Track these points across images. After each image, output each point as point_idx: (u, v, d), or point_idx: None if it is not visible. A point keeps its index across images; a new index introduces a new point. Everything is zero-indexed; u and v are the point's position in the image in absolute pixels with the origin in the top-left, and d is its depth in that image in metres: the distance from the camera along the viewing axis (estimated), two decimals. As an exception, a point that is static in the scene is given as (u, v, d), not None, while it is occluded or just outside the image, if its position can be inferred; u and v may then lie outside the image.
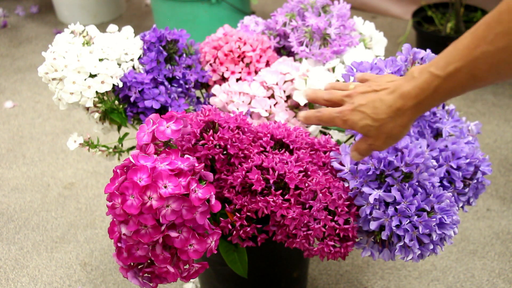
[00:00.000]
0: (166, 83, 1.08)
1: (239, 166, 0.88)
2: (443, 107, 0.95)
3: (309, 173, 0.87)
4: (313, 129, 1.08)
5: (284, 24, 1.19)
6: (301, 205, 0.85)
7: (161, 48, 1.09)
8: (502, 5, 0.56)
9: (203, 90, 1.20)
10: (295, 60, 1.18)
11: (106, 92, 1.07)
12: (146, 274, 0.80)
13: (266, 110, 1.05)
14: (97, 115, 1.10)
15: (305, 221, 0.84)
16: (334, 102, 0.74)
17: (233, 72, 1.13)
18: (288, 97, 1.09)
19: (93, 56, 1.06)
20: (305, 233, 0.85)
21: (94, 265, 1.43)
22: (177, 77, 1.11)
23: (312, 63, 1.14)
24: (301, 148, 0.92)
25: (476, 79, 0.60)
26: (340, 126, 0.72)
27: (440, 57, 0.62)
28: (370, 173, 0.83)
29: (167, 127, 0.79)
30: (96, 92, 1.05)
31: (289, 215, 0.84)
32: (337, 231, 0.84)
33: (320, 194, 0.84)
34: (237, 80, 1.13)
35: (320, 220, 0.84)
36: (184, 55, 1.14)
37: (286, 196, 0.85)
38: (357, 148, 0.74)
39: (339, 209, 0.84)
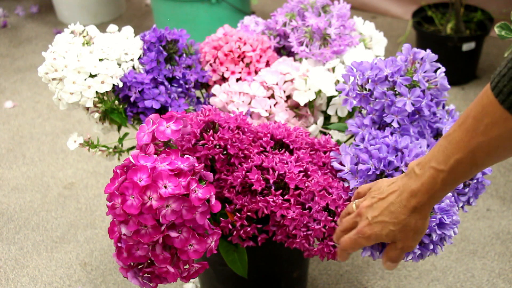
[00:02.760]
0: (166, 83, 1.08)
1: (239, 166, 0.88)
2: (443, 107, 0.95)
3: (309, 173, 0.87)
4: (313, 129, 1.08)
5: (284, 24, 1.19)
6: (301, 205, 0.85)
7: (161, 48, 1.09)
8: (484, 97, 0.59)
9: (203, 90, 1.20)
10: (295, 60, 1.18)
11: (106, 92, 1.07)
12: (146, 274, 0.80)
13: (266, 110, 1.05)
14: (97, 115, 1.10)
15: (305, 222, 0.84)
16: (349, 229, 0.75)
17: (233, 72, 1.13)
18: (288, 97, 1.09)
19: (93, 56, 1.06)
20: (305, 233, 0.85)
21: (94, 265, 1.43)
22: (177, 77, 1.11)
23: (312, 63, 1.14)
24: (301, 148, 0.92)
25: (478, 166, 0.63)
26: (366, 245, 0.74)
27: (437, 152, 0.65)
28: (370, 173, 0.83)
29: (167, 127, 0.79)
30: (96, 92, 1.05)
31: (288, 215, 0.84)
32: None
33: (317, 197, 0.84)
34: (237, 80, 1.13)
35: (320, 221, 0.84)
36: (184, 55, 1.14)
37: (286, 196, 0.85)
38: (390, 258, 0.74)
39: (339, 209, 0.84)
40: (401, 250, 0.73)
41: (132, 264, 0.80)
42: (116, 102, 1.09)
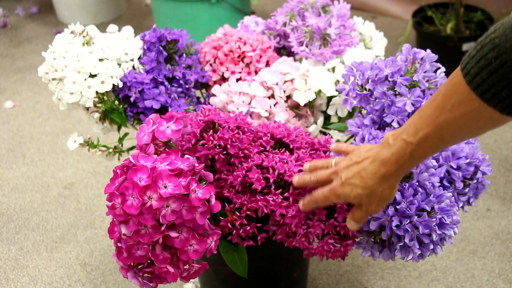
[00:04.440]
0: (166, 83, 1.08)
1: (239, 165, 0.88)
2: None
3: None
4: (313, 129, 1.08)
5: (284, 24, 1.19)
6: (301, 204, 0.85)
7: (161, 48, 1.09)
8: (454, 77, 0.62)
9: (203, 90, 1.20)
10: (295, 60, 1.18)
11: (106, 92, 1.07)
12: (146, 274, 0.80)
13: (266, 110, 1.05)
14: (97, 115, 1.10)
15: (303, 216, 0.84)
16: (322, 182, 0.79)
17: (233, 72, 1.13)
18: (288, 97, 1.09)
19: (93, 56, 1.06)
20: (305, 231, 0.85)
21: (94, 265, 1.43)
22: (177, 77, 1.11)
23: (312, 63, 1.14)
24: (301, 147, 0.92)
25: (444, 142, 0.66)
26: (335, 202, 0.79)
27: (409, 125, 0.68)
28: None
29: (167, 127, 0.79)
30: (96, 92, 1.05)
31: (288, 214, 0.84)
32: (337, 228, 0.84)
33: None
34: (237, 80, 1.13)
35: (316, 214, 0.84)
36: (184, 55, 1.14)
37: (286, 194, 0.85)
38: (353, 218, 0.79)
39: (338, 206, 0.84)
40: (366, 213, 0.77)
41: (132, 264, 0.80)
42: (116, 102, 1.09)
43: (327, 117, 1.15)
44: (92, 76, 1.05)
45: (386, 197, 0.74)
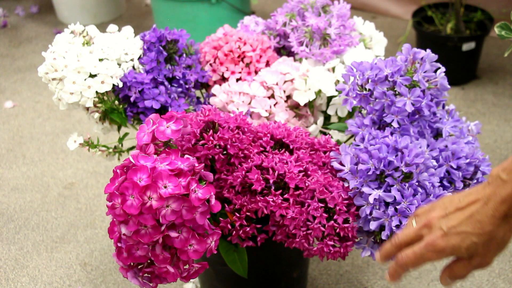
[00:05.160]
0: (166, 83, 1.08)
1: (239, 166, 0.88)
2: (443, 107, 0.95)
3: (309, 173, 0.87)
4: (313, 129, 1.08)
5: (284, 24, 1.19)
6: (300, 205, 0.85)
7: (161, 48, 1.09)
8: None
9: (203, 90, 1.20)
10: (295, 60, 1.18)
11: (106, 92, 1.07)
12: (146, 274, 0.80)
13: (266, 110, 1.05)
14: (97, 115, 1.10)
15: (303, 219, 0.84)
16: (408, 242, 0.66)
17: (233, 72, 1.13)
18: (288, 97, 1.09)
19: (93, 56, 1.06)
20: (304, 233, 0.85)
21: (94, 265, 1.43)
22: (177, 77, 1.11)
23: (312, 63, 1.14)
24: (301, 148, 0.92)
25: None
26: (434, 260, 0.64)
27: None
28: (370, 173, 0.83)
29: (167, 127, 0.79)
30: (96, 92, 1.05)
31: (288, 215, 0.84)
32: (337, 230, 0.84)
33: (317, 194, 0.84)
34: (237, 80, 1.13)
35: (317, 217, 0.84)
36: (184, 55, 1.14)
37: (285, 196, 0.85)
38: (454, 274, 0.65)
39: (338, 208, 0.84)
40: (474, 266, 0.65)
41: (132, 264, 0.80)
42: (116, 102, 1.09)
43: (327, 117, 1.15)
44: (92, 76, 1.05)
45: (506, 242, 0.64)
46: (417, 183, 0.81)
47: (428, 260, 0.64)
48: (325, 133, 1.11)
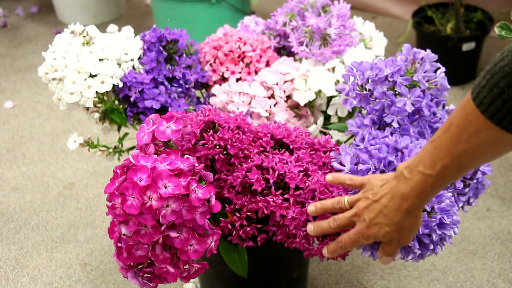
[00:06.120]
0: (166, 83, 1.08)
1: (239, 166, 0.88)
2: (443, 107, 0.95)
3: (309, 173, 0.87)
4: (313, 129, 1.08)
5: (284, 24, 1.19)
6: (301, 205, 0.85)
7: (161, 48, 1.09)
8: (466, 107, 0.61)
9: (203, 90, 1.20)
10: (295, 60, 1.18)
11: (106, 92, 1.07)
12: (146, 274, 0.80)
13: (266, 110, 1.05)
14: (97, 115, 1.10)
15: (304, 219, 0.84)
16: (344, 227, 0.78)
17: (233, 72, 1.13)
18: (288, 97, 1.09)
19: (93, 56, 1.06)
20: (305, 233, 0.85)
21: (94, 265, 1.43)
22: (177, 77, 1.11)
23: (312, 63, 1.14)
24: (301, 148, 0.92)
25: (464, 169, 0.66)
26: (365, 243, 0.78)
27: (424, 156, 0.67)
28: (370, 173, 0.83)
29: (167, 127, 0.79)
30: (96, 92, 1.05)
31: (288, 215, 0.84)
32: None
33: (317, 194, 0.84)
34: (237, 80, 1.13)
35: (320, 218, 0.84)
36: (184, 55, 1.14)
37: (286, 196, 0.85)
38: (385, 253, 0.78)
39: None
40: (398, 246, 0.77)
41: (132, 264, 0.80)
42: (116, 102, 1.09)
43: (327, 117, 1.15)
44: (92, 76, 1.05)
45: (414, 227, 0.74)
46: (417, 183, 0.81)
47: (360, 243, 0.77)
48: (325, 133, 1.11)
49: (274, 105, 1.07)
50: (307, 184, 0.85)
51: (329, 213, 0.82)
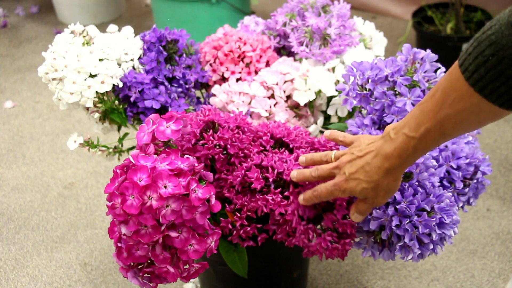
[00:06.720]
0: (166, 83, 1.08)
1: (239, 165, 0.88)
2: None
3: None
4: (313, 129, 1.08)
5: (284, 24, 1.19)
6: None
7: (161, 48, 1.09)
8: (452, 73, 0.63)
9: (203, 90, 1.20)
10: (295, 60, 1.18)
11: (106, 92, 1.07)
12: (146, 274, 0.80)
13: (266, 110, 1.05)
14: (97, 115, 1.10)
15: (301, 213, 0.84)
16: (324, 177, 0.80)
17: (233, 72, 1.13)
18: (288, 97, 1.09)
19: (93, 56, 1.06)
20: (305, 227, 0.84)
21: (94, 265, 1.43)
22: (177, 77, 1.11)
23: (312, 63, 1.14)
24: (301, 147, 0.92)
25: (446, 135, 0.67)
26: (339, 197, 0.79)
27: (410, 119, 0.69)
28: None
29: (167, 127, 0.79)
30: (96, 92, 1.05)
31: (289, 211, 0.84)
32: (336, 225, 0.84)
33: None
34: (237, 80, 1.13)
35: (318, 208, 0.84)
36: (184, 55, 1.14)
37: (286, 193, 0.85)
38: (357, 210, 0.79)
39: (338, 202, 0.84)
40: (371, 205, 0.78)
41: (132, 264, 0.80)
42: (116, 102, 1.09)
43: (327, 117, 1.15)
44: (92, 76, 1.05)
45: (391, 189, 0.75)
46: (417, 183, 0.81)
47: (335, 196, 0.78)
48: (325, 133, 1.11)
49: (274, 105, 1.07)
50: (306, 182, 0.85)
51: (317, 165, 0.82)
